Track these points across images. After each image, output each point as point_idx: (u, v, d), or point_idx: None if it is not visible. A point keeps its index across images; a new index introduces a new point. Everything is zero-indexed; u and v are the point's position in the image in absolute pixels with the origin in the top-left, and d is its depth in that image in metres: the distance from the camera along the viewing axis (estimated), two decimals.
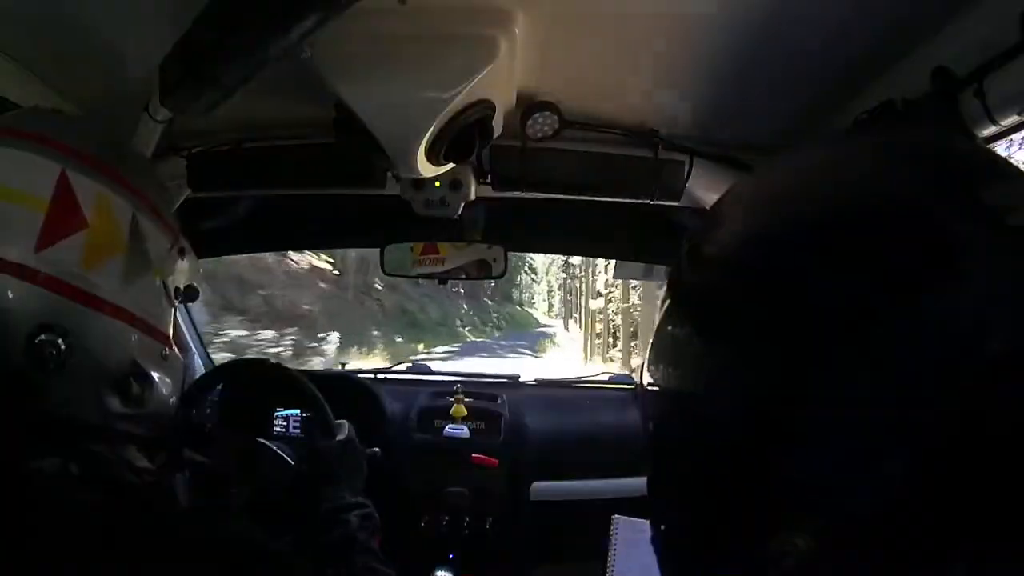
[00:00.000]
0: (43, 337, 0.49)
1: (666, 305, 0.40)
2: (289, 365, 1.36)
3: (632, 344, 11.61)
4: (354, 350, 9.23)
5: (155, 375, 0.58)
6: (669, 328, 0.39)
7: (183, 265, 0.65)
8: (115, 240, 0.55)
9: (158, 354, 0.59)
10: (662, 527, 0.41)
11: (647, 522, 0.42)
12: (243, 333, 7.54)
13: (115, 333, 0.55)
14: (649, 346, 0.42)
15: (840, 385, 0.29)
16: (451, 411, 1.43)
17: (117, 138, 0.65)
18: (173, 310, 0.64)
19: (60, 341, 0.50)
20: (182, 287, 0.66)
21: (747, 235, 0.35)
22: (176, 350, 0.63)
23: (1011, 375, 0.27)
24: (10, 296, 0.49)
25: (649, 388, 0.41)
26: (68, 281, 0.51)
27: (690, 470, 0.36)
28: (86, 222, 0.53)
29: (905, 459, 0.28)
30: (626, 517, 0.97)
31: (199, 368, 1.55)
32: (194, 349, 1.57)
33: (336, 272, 11.59)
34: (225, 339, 6.96)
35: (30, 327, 0.49)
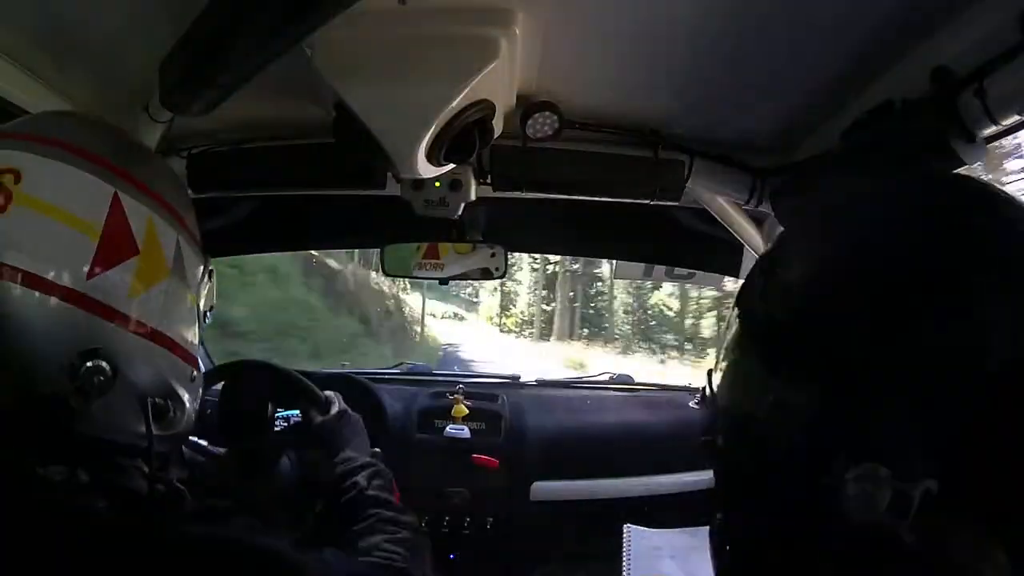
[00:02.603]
0: (90, 364, 0.49)
1: (736, 328, 0.46)
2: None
3: None
4: None
5: (185, 397, 0.59)
6: (742, 349, 0.45)
7: (211, 287, 0.65)
8: (161, 266, 0.55)
9: (188, 376, 0.60)
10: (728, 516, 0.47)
11: (659, 531, 0.45)
12: None
13: (156, 358, 0.55)
14: (719, 363, 0.47)
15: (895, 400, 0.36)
16: (451, 411, 1.43)
17: (154, 153, 0.64)
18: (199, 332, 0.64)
19: (106, 366, 0.49)
20: (208, 310, 0.66)
21: (817, 277, 0.42)
22: (200, 372, 0.63)
23: None
24: (59, 319, 0.49)
25: (718, 395, 0.46)
26: (117, 307, 0.51)
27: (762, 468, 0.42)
28: (137, 249, 0.52)
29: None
30: (637, 527, 0.97)
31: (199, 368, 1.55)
32: None
33: None
34: None
35: (75, 352, 0.49)
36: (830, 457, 0.37)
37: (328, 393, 1.06)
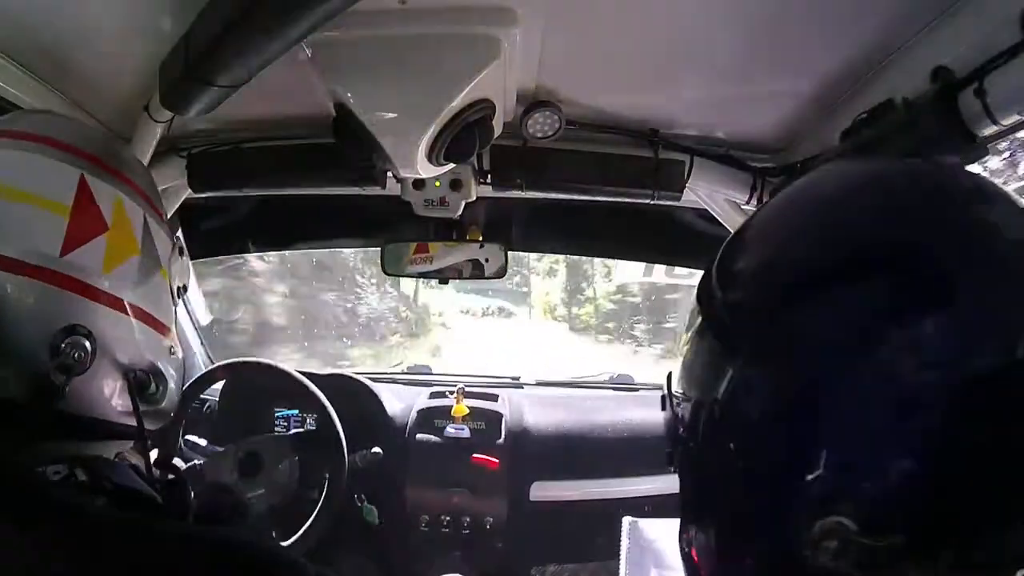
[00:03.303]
0: (70, 339, 0.50)
1: (697, 320, 0.44)
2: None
3: None
4: None
5: (166, 372, 0.60)
6: (701, 340, 0.44)
7: (181, 264, 0.66)
8: (131, 242, 0.56)
9: (168, 351, 0.61)
10: (693, 530, 0.46)
11: (658, 522, 0.44)
12: None
13: (133, 332, 0.56)
14: (681, 355, 0.46)
15: (855, 392, 0.34)
16: (452, 411, 1.43)
17: (118, 139, 0.64)
18: (175, 308, 0.65)
19: (85, 342, 0.51)
20: (180, 286, 0.67)
21: (771, 266, 0.41)
22: (179, 346, 0.64)
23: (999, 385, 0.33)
24: (36, 299, 0.50)
25: (680, 396, 0.46)
26: (92, 283, 0.52)
27: (726, 473, 0.40)
28: (106, 225, 0.54)
29: (912, 455, 0.34)
30: (636, 518, 0.97)
31: (200, 367, 1.55)
32: (195, 348, 1.57)
33: None
34: None
35: (56, 329, 0.50)
36: (797, 505, 0.36)
37: None
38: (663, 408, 0.49)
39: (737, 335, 0.40)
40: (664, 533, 0.94)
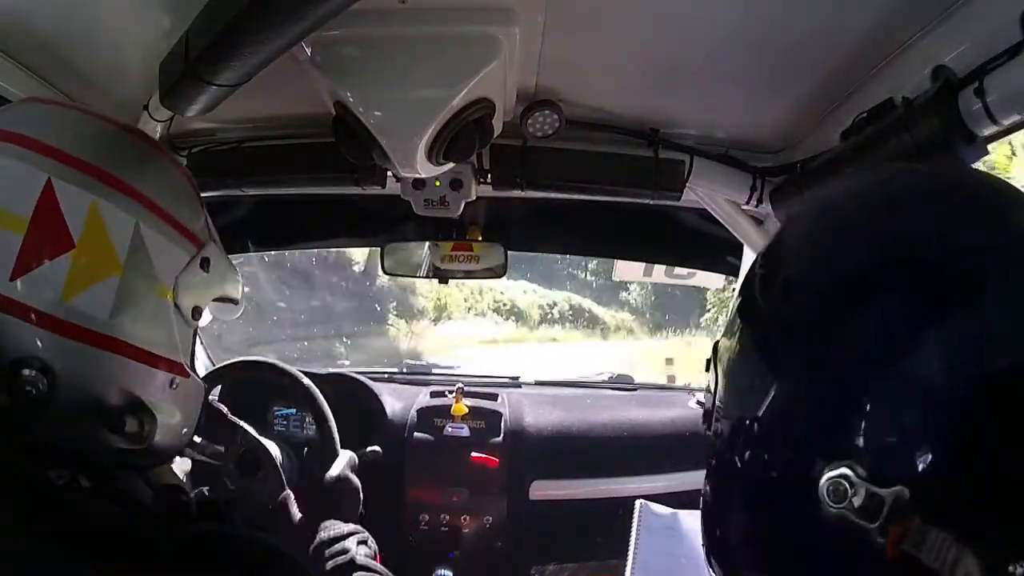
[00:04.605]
0: (24, 373, 0.44)
1: (738, 324, 0.46)
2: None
3: None
4: None
5: (161, 407, 0.52)
6: (742, 345, 0.45)
7: (205, 278, 0.56)
8: (108, 259, 0.48)
9: (164, 384, 0.53)
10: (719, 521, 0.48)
11: (672, 511, 0.46)
12: None
13: (107, 366, 0.49)
14: (717, 355, 0.48)
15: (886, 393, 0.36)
16: (451, 410, 1.43)
17: (119, 129, 0.56)
18: (192, 331, 0.57)
19: (40, 377, 0.45)
20: (204, 304, 0.58)
21: (814, 276, 0.43)
22: (193, 375, 0.56)
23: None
24: None
25: (716, 398, 0.47)
26: (49, 312, 0.46)
27: (751, 451, 0.42)
28: (72, 242, 0.46)
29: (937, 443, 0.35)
30: (649, 503, 0.97)
31: (200, 369, 1.55)
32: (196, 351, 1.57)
33: None
34: None
35: (7, 363, 0.44)
36: (811, 453, 0.38)
37: (345, 453, 1.06)
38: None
39: (782, 345, 0.42)
40: (677, 523, 0.94)
